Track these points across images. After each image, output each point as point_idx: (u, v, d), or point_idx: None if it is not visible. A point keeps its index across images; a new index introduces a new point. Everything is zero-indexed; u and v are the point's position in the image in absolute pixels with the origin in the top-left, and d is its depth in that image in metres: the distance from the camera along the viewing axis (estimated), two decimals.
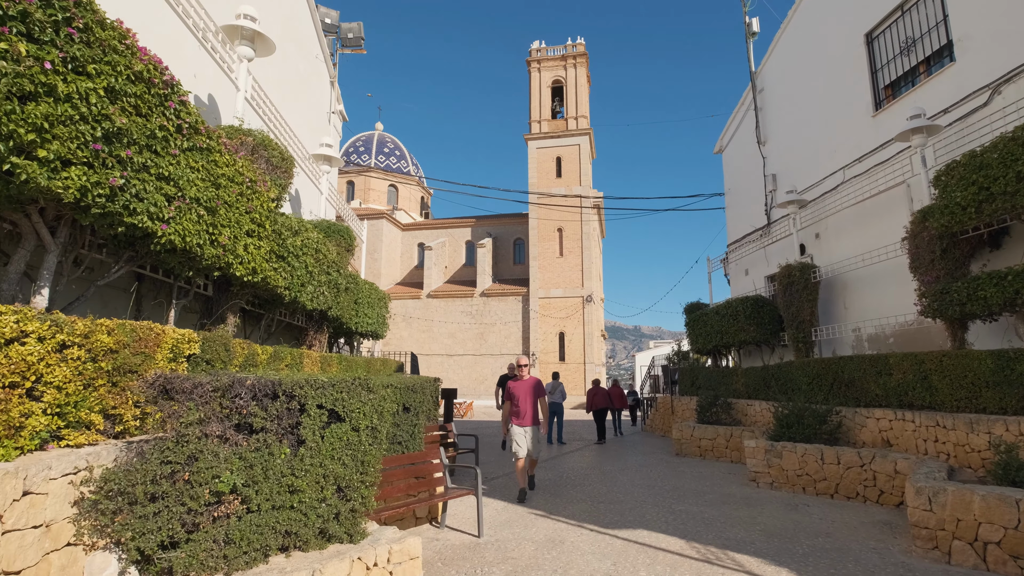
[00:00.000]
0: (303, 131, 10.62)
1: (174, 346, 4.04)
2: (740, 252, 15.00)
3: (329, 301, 7.90)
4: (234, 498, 3.23)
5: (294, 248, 6.20)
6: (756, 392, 12.04)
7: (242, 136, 5.59)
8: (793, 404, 9.31)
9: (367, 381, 3.95)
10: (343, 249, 8.65)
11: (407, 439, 6.89)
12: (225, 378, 3.36)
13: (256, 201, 5.08)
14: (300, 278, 6.60)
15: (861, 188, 10.41)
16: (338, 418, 3.75)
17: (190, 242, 4.06)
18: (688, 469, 10.47)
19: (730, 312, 12.85)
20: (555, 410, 14.73)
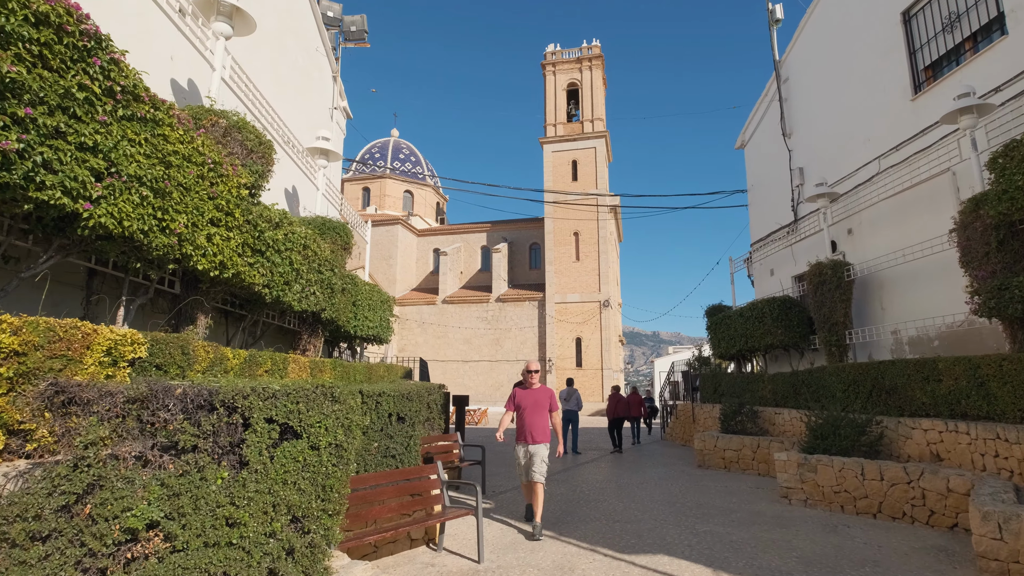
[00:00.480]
0: (303, 126, 10.11)
1: (112, 348, 3.44)
2: (764, 251, 14.15)
3: (322, 302, 7.31)
4: (155, 535, 2.60)
5: (274, 242, 5.61)
6: (784, 400, 11.18)
7: (213, 117, 5.03)
8: (828, 413, 8.48)
9: (332, 390, 3.31)
10: (339, 248, 8.07)
11: (401, 452, 6.24)
12: (143, 386, 2.74)
13: (222, 186, 4.50)
14: (284, 276, 6.01)
15: (899, 178, 9.56)
16: (294, 434, 3.11)
17: (130, 228, 3.47)
18: (712, 483, 9.66)
19: (755, 314, 12.02)
20: (570, 418, 13.99)
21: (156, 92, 4.39)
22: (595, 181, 40.63)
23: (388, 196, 47.56)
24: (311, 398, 3.18)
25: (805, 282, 11.12)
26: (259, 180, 5.42)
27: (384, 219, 43.83)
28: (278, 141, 8.50)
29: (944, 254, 8.50)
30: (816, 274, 10.49)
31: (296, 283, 6.37)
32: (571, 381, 14.63)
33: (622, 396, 14.42)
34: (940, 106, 8.44)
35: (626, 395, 17.51)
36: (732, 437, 10.97)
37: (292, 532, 3.02)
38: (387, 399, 6.11)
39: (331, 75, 11.33)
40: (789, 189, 13.25)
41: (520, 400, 6.78)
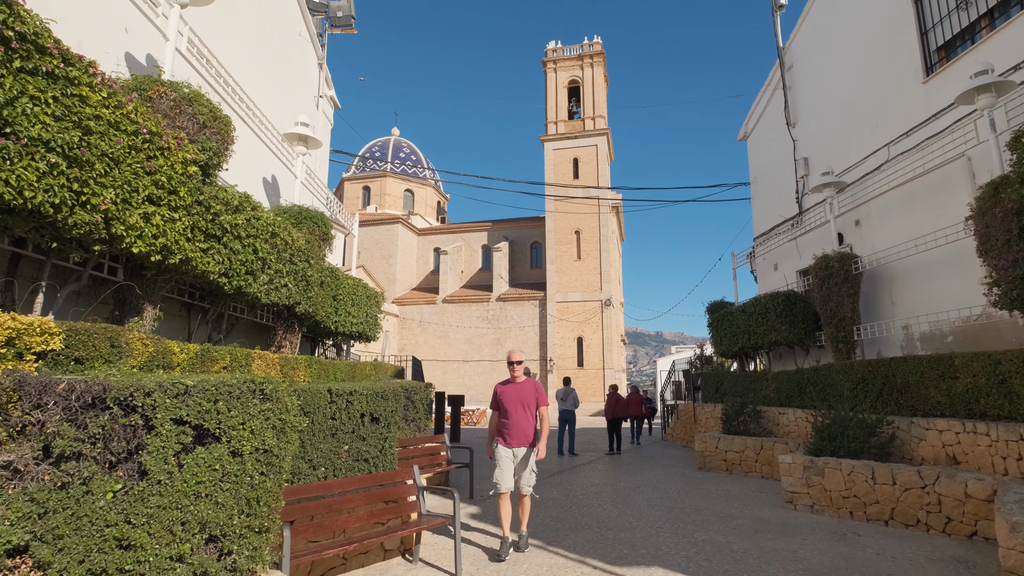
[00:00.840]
0: (285, 113, 9.66)
1: (13, 339, 2.98)
2: (768, 245, 13.62)
3: (295, 295, 6.85)
4: (21, 562, 2.13)
5: (232, 227, 5.14)
6: (789, 399, 10.66)
7: (161, 88, 4.58)
8: (835, 413, 7.97)
9: (263, 385, 2.83)
10: (316, 238, 7.60)
11: (375, 455, 5.76)
12: (8, 379, 2.27)
13: (162, 160, 4.03)
14: (247, 265, 5.54)
15: (910, 165, 9.04)
16: (212, 438, 2.64)
17: (34, 199, 3.01)
18: (713, 487, 9.15)
19: (758, 310, 11.50)
20: (567, 418, 13.50)
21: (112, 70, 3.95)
22: (596, 179, 40.12)
23: (388, 195, 47.17)
24: (234, 395, 2.70)
25: (810, 276, 10.60)
26: (215, 158, 4.96)
27: (384, 218, 43.44)
28: (250, 124, 8.04)
29: (959, 244, 7.97)
30: (822, 267, 9.97)
31: (262, 273, 5.90)
32: (568, 380, 14.14)
33: (620, 396, 13.92)
34: (954, 88, 7.92)
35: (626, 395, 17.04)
36: (734, 438, 10.46)
37: (207, 554, 2.55)
38: (359, 398, 5.64)
39: (316, 62, 10.88)
40: (793, 181, 12.72)
41: (502, 396, 5.86)
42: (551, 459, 12.66)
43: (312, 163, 10.99)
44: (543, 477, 10.11)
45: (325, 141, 11.66)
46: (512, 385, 5.87)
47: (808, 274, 11.44)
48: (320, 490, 4.99)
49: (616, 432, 13.62)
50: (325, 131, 11.56)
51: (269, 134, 8.59)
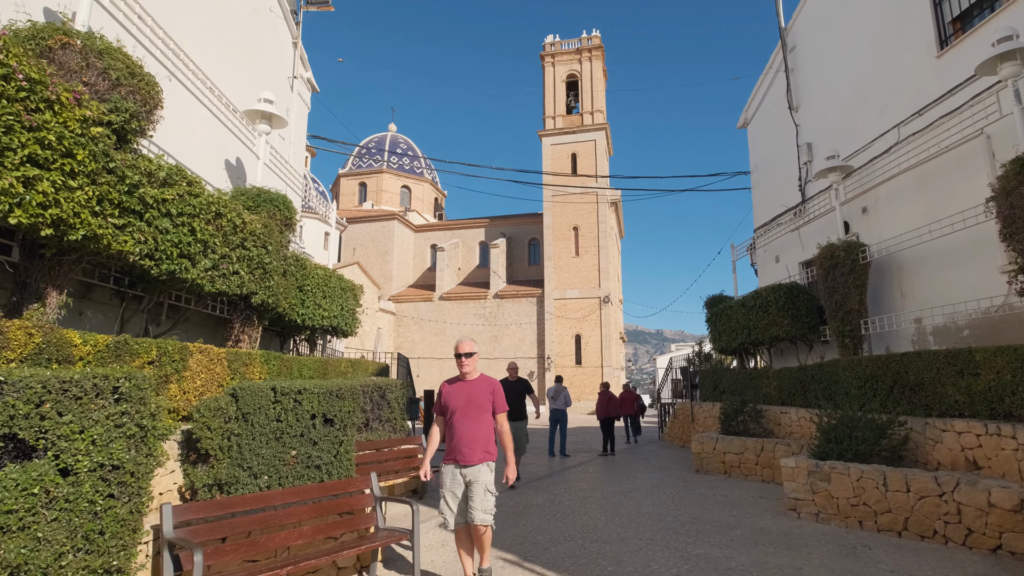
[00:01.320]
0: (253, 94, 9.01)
1: None
2: (769, 236, 12.95)
3: (249, 284, 6.20)
4: None
5: (159, 203, 4.49)
6: (792, 397, 10.00)
7: (62, 36, 3.93)
8: (842, 413, 7.31)
9: (116, 382, 2.18)
10: (278, 223, 6.95)
11: (328, 461, 5.11)
12: None
13: (50, 115, 3.38)
14: (181, 247, 4.89)
15: (922, 146, 8.37)
16: (29, 451, 1.99)
17: None
18: (710, 491, 8.49)
19: (759, 303, 10.83)
20: (558, 418, 12.84)
21: (12, 17, 3.29)
22: (595, 175, 39.40)
23: (385, 191, 46.54)
24: (71, 395, 2.05)
25: (814, 267, 9.93)
26: (134, 122, 4.31)
27: (380, 214, 42.82)
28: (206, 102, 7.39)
29: (977, 228, 7.30)
30: (827, 257, 9.30)
31: (203, 258, 5.25)
32: (560, 378, 13.48)
33: (613, 394, 13.25)
34: (971, 60, 7.24)
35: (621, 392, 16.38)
36: (733, 439, 9.80)
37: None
38: (310, 398, 4.99)
39: (291, 41, 10.23)
40: (796, 168, 12.05)
41: (448, 398, 4.47)
42: (541, 461, 12.02)
43: (286, 148, 10.34)
44: (530, 480, 9.47)
45: (300, 125, 11.00)
46: (462, 384, 4.48)
47: (812, 265, 10.78)
48: (257, 502, 4.35)
49: (609, 432, 12.97)
50: (301, 114, 10.91)
51: (230, 113, 7.94)
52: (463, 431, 4.37)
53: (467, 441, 4.35)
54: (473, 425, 4.38)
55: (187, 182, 4.91)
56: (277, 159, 9.41)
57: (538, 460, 12.16)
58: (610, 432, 12.94)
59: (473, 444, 4.34)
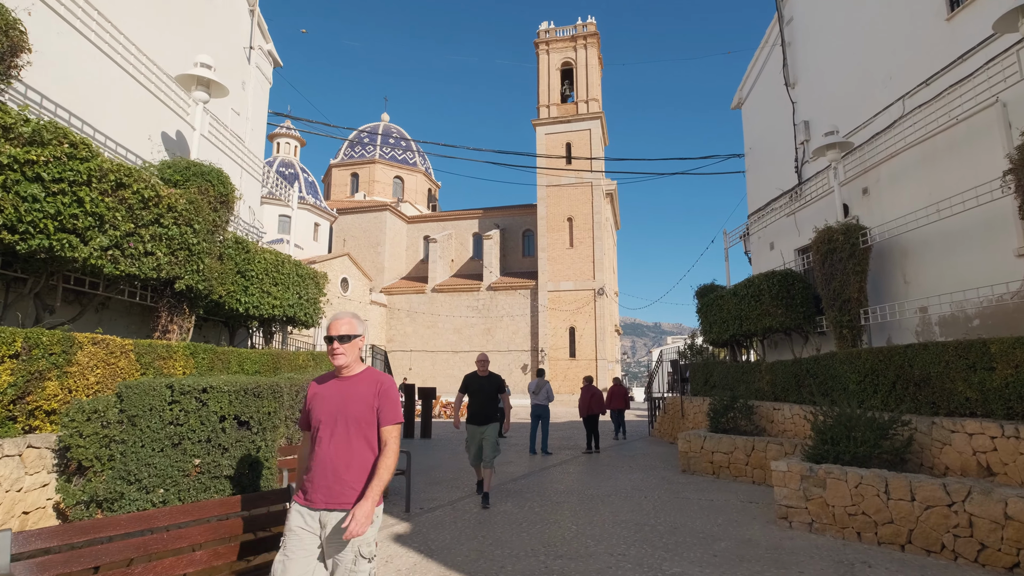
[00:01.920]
0: None
1: None
2: (763, 222, 12.19)
3: (170, 267, 5.45)
4: None
5: (21, 164, 3.73)
6: (785, 393, 9.28)
7: None
8: (839, 410, 6.58)
9: None
10: (211, 200, 6.19)
11: (241, 472, 4.38)
12: None
13: None
14: (63, 220, 4.14)
15: (930, 118, 7.61)
16: None
17: None
18: (695, 495, 7.78)
19: (751, 292, 10.09)
20: (540, 414, 12.13)
21: None
22: (590, 164, 38.54)
23: (377, 182, 45.69)
24: None
25: (811, 253, 9.19)
26: None
27: (371, 205, 41.99)
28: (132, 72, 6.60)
29: (991, 206, 6.55)
30: (824, 241, 8.55)
31: (100, 234, 4.50)
32: (542, 372, 12.74)
33: (597, 389, 12.51)
34: (986, 18, 6.48)
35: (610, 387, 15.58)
36: (722, 437, 9.09)
37: None
38: (218, 396, 4.25)
39: (247, 8, 9.41)
40: (792, 148, 11.27)
41: (314, 404, 2.85)
42: (520, 459, 11.31)
43: (241, 124, 9.55)
44: (503, 482, 8.76)
45: (260, 100, 10.20)
46: (336, 382, 2.86)
47: (808, 252, 10.04)
48: (136, 523, 3.64)
49: (593, 429, 12.25)
50: (260, 88, 10.10)
51: (161, 80, 7.14)
52: (326, 455, 2.72)
53: (328, 473, 2.70)
54: (342, 448, 2.72)
55: (70, 143, 4.15)
56: (223, 134, 8.60)
57: (518, 458, 11.46)
58: (594, 429, 12.22)
59: (335, 479, 2.68)
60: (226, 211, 6.47)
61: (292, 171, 37.03)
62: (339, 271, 35.30)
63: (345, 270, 35.88)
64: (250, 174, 9.83)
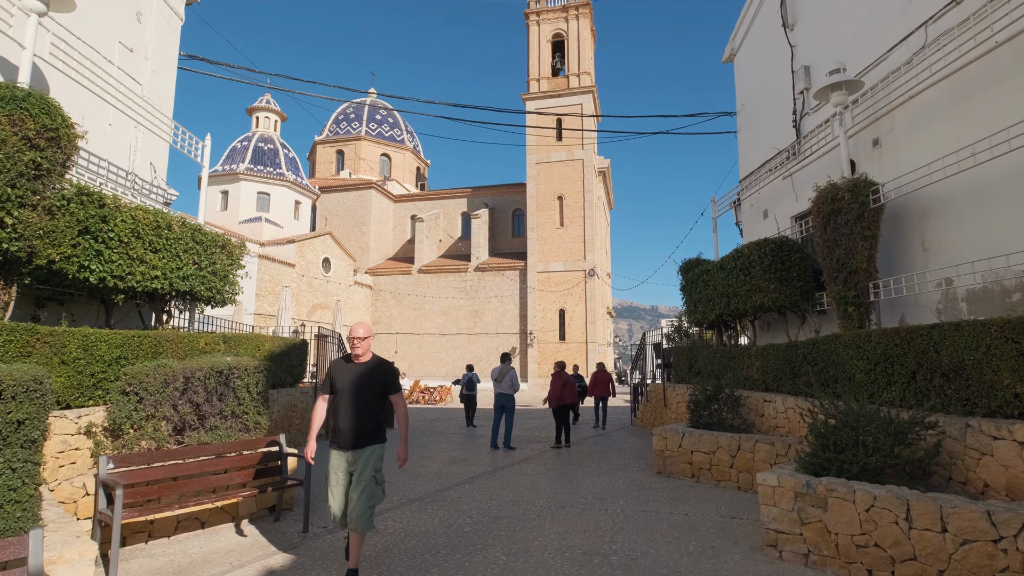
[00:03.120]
0: None
1: None
2: (756, 186, 10.64)
3: None
4: None
5: None
6: (779, 381, 7.83)
7: None
8: (844, 405, 5.14)
9: None
10: (33, 135, 4.67)
11: None
12: None
13: None
14: None
15: (962, 44, 6.05)
16: None
17: None
18: (667, 507, 6.37)
19: (740, 265, 8.59)
20: (503, 403, 10.71)
21: None
22: (581, 141, 36.79)
23: (363, 160, 43.91)
24: None
25: (810, 219, 7.68)
26: None
27: (356, 183, 40.30)
28: None
29: None
30: (827, 201, 7.03)
31: None
32: (507, 356, 11.28)
33: (569, 376, 11.04)
34: None
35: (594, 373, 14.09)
36: (703, 434, 7.65)
37: None
38: None
39: None
40: (790, 100, 9.69)
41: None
42: (477, 456, 9.91)
43: (139, 66, 7.96)
44: (444, 487, 7.32)
45: (167, 43, 8.58)
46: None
47: (806, 218, 8.54)
48: None
49: (564, 421, 10.83)
50: (166, 27, 8.47)
51: None
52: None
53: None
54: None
55: None
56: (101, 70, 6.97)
57: (476, 455, 10.06)
58: (564, 420, 10.81)
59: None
60: (57, 151, 4.94)
61: (272, 146, 35.30)
62: (320, 251, 33.77)
63: (327, 250, 34.34)
64: (161, 135, 8.25)
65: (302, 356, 10.97)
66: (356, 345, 4.30)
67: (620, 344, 50.87)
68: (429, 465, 8.97)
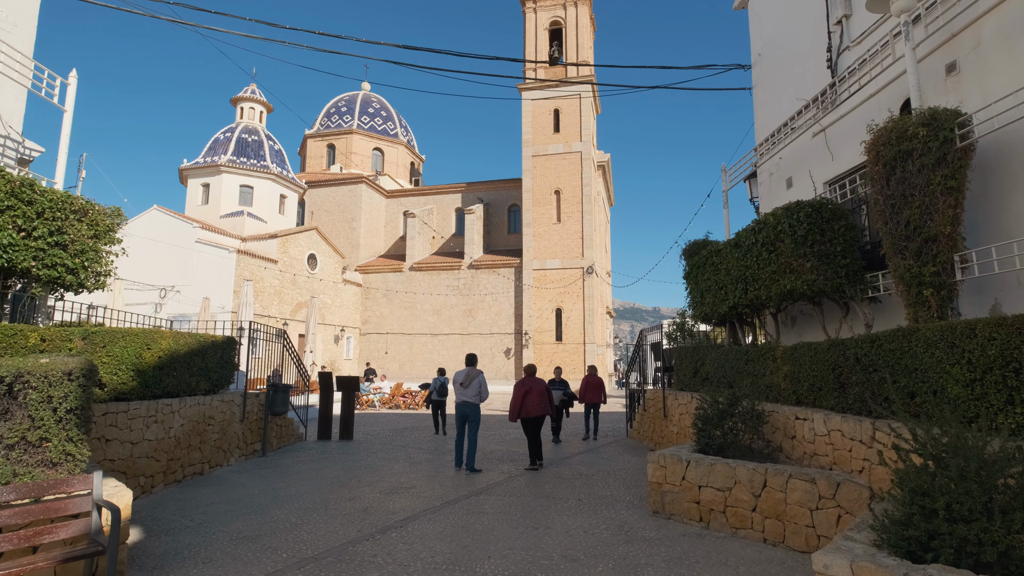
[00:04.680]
0: None
1: None
2: (777, 149, 8.60)
3: None
4: None
5: None
6: (817, 393, 5.77)
7: None
8: (956, 437, 3.08)
9: None
10: None
11: None
12: None
13: None
14: None
15: None
16: None
17: None
18: (665, 574, 4.33)
19: (763, 239, 6.52)
20: (466, 414, 8.66)
21: None
22: (579, 132, 34.75)
23: (355, 154, 41.98)
24: None
25: (868, 166, 5.63)
26: None
27: (346, 178, 38.35)
28: None
29: None
30: (891, 141, 4.97)
31: None
32: (472, 359, 9.20)
33: (538, 382, 8.93)
34: None
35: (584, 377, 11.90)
36: (715, 463, 5.59)
37: None
38: None
39: None
40: (821, 38, 7.64)
41: None
42: (432, 481, 7.86)
43: None
44: (368, 533, 5.27)
45: None
46: None
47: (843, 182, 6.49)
48: None
49: (534, 437, 8.75)
50: None
51: None
52: None
53: None
54: None
55: None
56: None
57: (429, 481, 8.02)
58: (535, 437, 8.74)
59: None
60: None
61: (256, 138, 33.38)
62: (306, 247, 31.83)
63: (313, 246, 32.41)
64: None
65: (225, 357, 8.97)
66: None
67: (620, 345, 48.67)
68: (363, 496, 6.94)
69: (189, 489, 7.29)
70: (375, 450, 10.60)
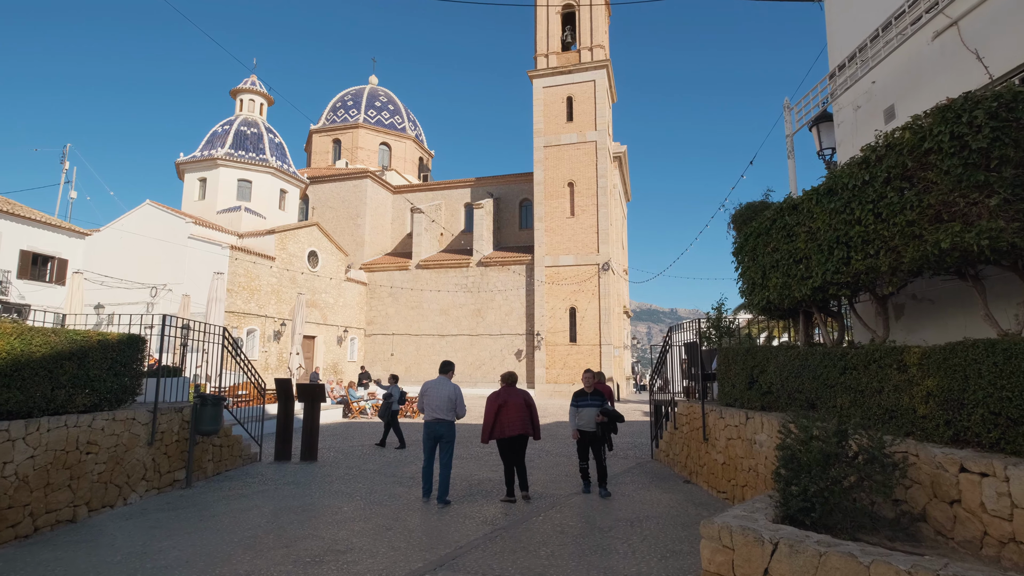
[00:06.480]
0: None
1: None
2: (868, 67, 6.05)
3: None
4: None
5: None
6: (1004, 428, 3.26)
7: None
8: None
9: None
10: None
11: None
12: None
13: None
14: None
15: None
16: None
17: None
18: None
19: (891, 170, 3.99)
20: (439, 433, 6.27)
21: None
22: (594, 121, 32.23)
23: (361, 148, 39.98)
24: None
25: None
26: None
27: (350, 173, 36.34)
28: None
29: None
30: None
31: None
32: (448, 366, 6.76)
33: (521, 393, 6.41)
34: None
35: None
36: (828, 553, 3.10)
37: None
38: None
39: None
40: None
41: None
42: (380, 539, 5.47)
43: None
44: None
45: None
46: None
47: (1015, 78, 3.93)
48: None
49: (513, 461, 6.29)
50: None
51: None
52: None
53: None
54: None
55: None
56: None
57: (380, 535, 5.59)
58: (514, 462, 6.28)
59: None
60: None
61: (256, 130, 31.48)
62: (306, 243, 29.79)
63: (314, 243, 30.36)
64: None
65: (125, 360, 6.68)
66: None
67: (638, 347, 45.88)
68: (263, 572, 4.58)
69: (29, 549, 5.00)
70: (334, 478, 8.24)
